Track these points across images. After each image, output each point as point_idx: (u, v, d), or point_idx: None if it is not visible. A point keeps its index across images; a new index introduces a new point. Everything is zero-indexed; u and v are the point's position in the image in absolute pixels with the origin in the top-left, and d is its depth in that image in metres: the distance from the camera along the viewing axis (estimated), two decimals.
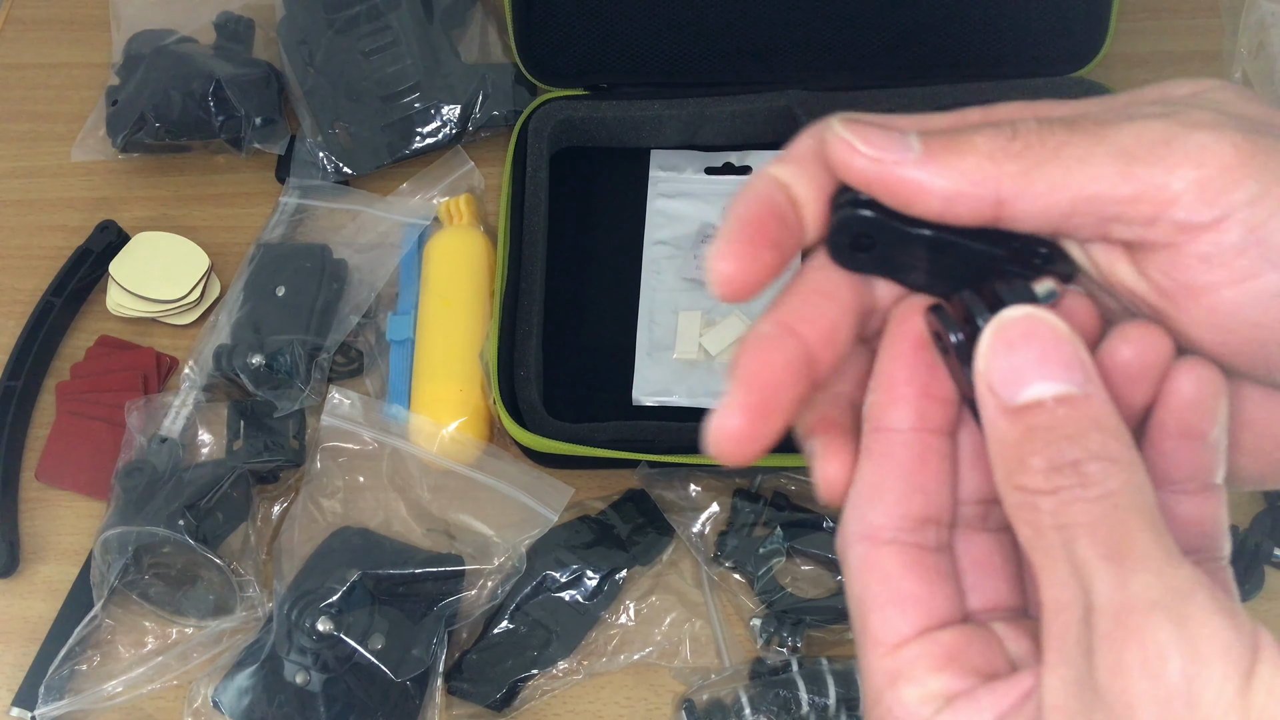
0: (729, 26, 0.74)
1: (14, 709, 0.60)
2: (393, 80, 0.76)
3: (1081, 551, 0.21)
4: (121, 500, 0.62)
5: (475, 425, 0.65)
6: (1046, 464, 0.22)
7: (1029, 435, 0.22)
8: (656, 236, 0.73)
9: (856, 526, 0.25)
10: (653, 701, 0.60)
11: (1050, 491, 0.22)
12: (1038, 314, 0.23)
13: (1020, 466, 0.22)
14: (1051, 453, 0.22)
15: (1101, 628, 0.20)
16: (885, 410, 0.25)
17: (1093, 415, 0.22)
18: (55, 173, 0.79)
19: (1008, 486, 0.23)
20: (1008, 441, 0.22)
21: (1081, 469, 0.21)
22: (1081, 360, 0.23)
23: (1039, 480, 0.22)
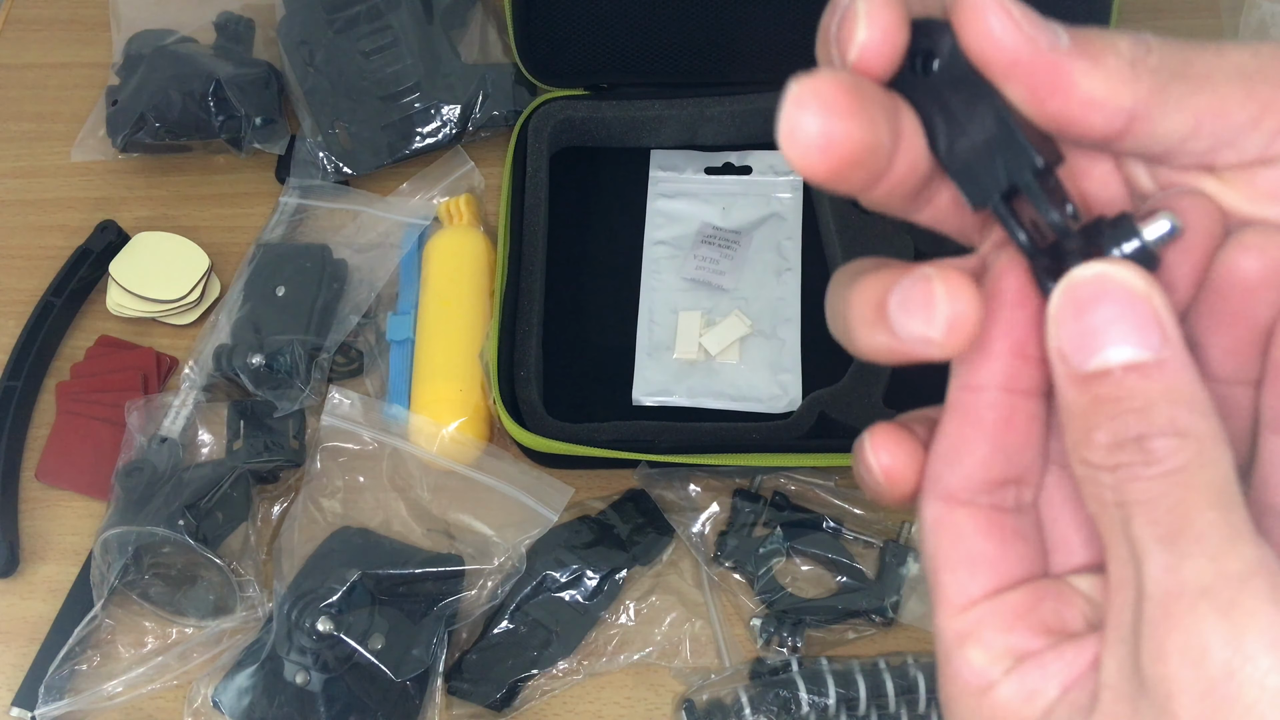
0: (729, 26, 0.74)
1: (14, 709, 0.60)
2: (393, 80, 0.76)
3: (1137, 531, 0.20)
4: (121, 500, 0.62)
5: (475, 425, 0.65)
6: (1110, 438, 0.21)
7: (1095, 406, 0.21)
8: (656, 236, 0.73)
9: (933, 485, 0.24)
10: (653, 701, 0.60)
11: (1111, 468, 0.21)
12: (1110, 271, 0.21)
13: (1085, 440, 0.21)
14: (1116, 426, 0.21)
15: (1149, 613, 0.20)
16: (975, 368, 0.23)
17: (1166, 384, 0.21)
18: (55, 173, 0.79)
19: (1074, 458, 0.22)
20: (1075, 411, 0.21)
21: (1146, 445, 0.20)
22: (1159, 321, 0.21)
23: (1101, 455, 0.21)
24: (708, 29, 0.74)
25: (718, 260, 0.71)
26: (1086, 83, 0.21)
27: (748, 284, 0.71)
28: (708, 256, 0.71)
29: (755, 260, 0.71)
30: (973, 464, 0.24)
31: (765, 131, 0.75)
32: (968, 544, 0.24)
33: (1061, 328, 0.22)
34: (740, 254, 0.71)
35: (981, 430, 0.23)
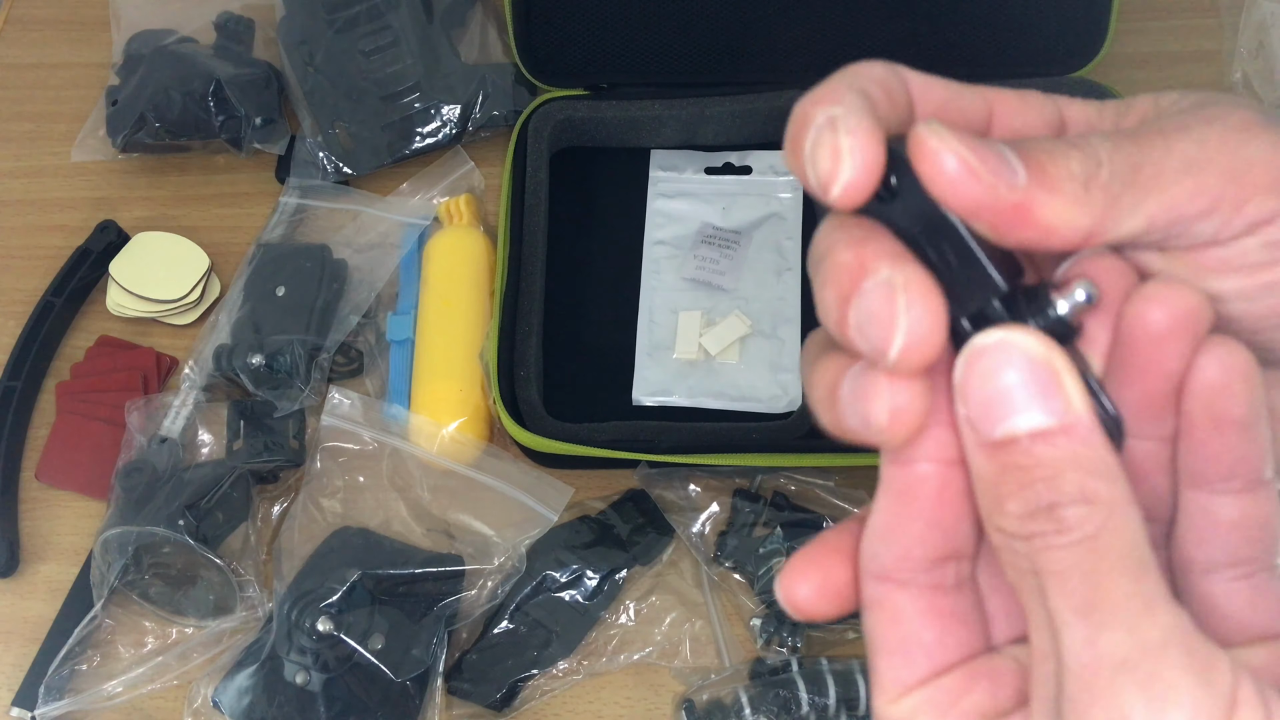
0: (729, 26, 0.74)
1: (14, 709, 0.60)
2: (393, 80, 0.76)
3: (1054, 602, 0.20)
4: (121, 500, 0.62)
5: (475, 425, 0.65)
6: (1022, 508, 0.21)
7: (1005, 474, 0.21)
8: (656, 236, 0.73)
9: (871, 564, 0.24)
10: (653, 701, 0.60)
11: (1026, 537, 0.21)
12: (1010, 338, 0.21)
13: (998, 509, 0.21)
14: (1027, 495, 0.21)
15: (1069, 686, 0.20)
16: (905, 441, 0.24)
17: (1073, 450, 0.21)
18: (55, 173, 0.79)
19: (989, 527, 0.22)
20: (986, 479, 0.21)
21: (1058, 514, 0.20)
22: (1063, 386, 0.21)
23: (1014, 524, 0.21)
24: (708, 29, 0.74)
25: (718, 260, 0.71)
26: (1046, 214, 0.21)
27: (748, 284, 0.71)
28: (708, 256, 0.71)
29: (755, 260, 0.71)
30: (909, 541, 0.23)
31: (765, 131, 0.75)
32: (905, 628, 0.23)
33: (968, 395, 0.21)
34: (740, 254, 0.71)
35: (916, 505, 0.23)
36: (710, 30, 0.74)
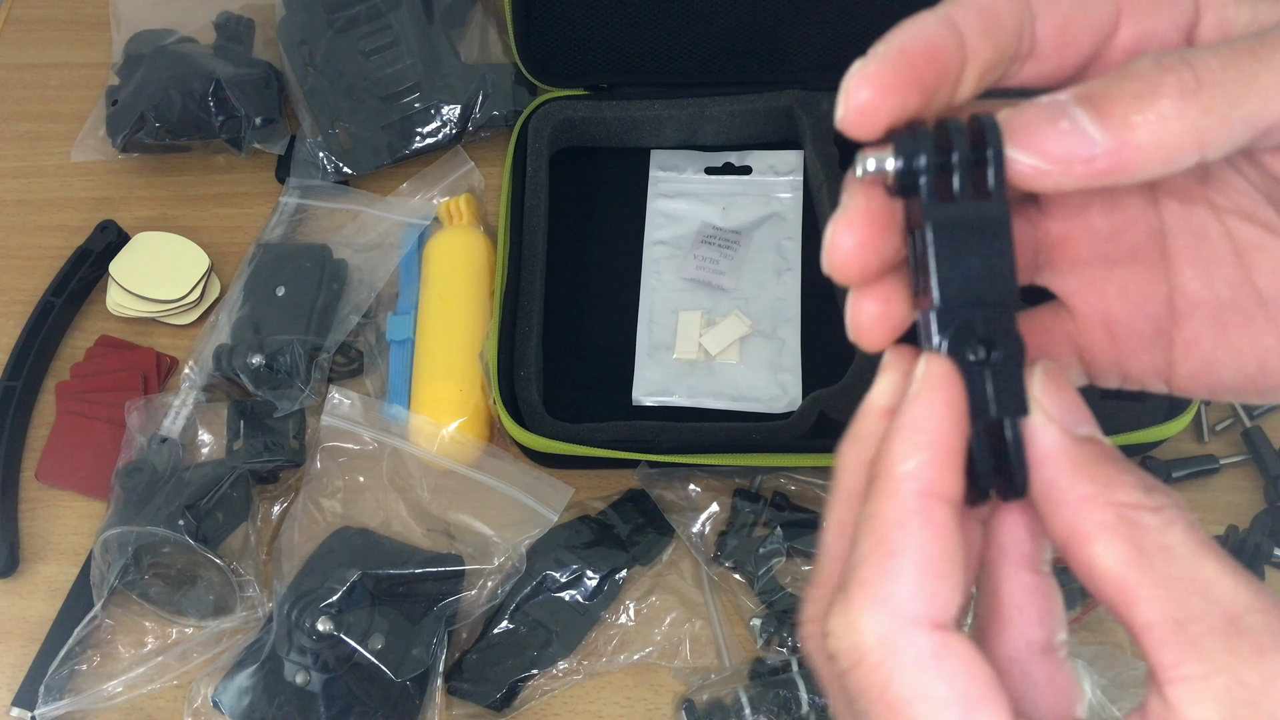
0: (729, 26, 0.74)
1: (14, 709, 0.60)
2: (393, 80, 0.76)
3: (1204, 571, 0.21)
4: (121, 500, 0.62)
5: (475, 425, 0.65)
6: (1139, 482, 0.22)
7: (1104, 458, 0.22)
8: (656, 236, 0.73)
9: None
10: (653, 701, 0.60)
11: (1153, 509, 0.22)
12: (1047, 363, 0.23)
13: (1112, 483, 0.22)
14: (1132, 478, 0.22)
15: None
16: None
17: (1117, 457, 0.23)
18: (55, 173, 0.79)
19: (1095, 505, 0.22)
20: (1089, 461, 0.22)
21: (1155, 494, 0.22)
22: None
23: (1139, 495, 0.22)
24: (708, 29, 0.74)
25: (718, 260, 0.71)
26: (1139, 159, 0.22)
27: (748, 284, 0.71)
28: (708, 256, 0.71)
29: (755, 260, 0.71)
30: None
31: (765, 131, 0.75)
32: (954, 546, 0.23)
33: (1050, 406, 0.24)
34: (740, 254, 0.71)
35: None
36: (710, 30, 0.74)
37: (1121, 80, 0.22)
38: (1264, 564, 0.61)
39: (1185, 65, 0.21)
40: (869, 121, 0.23)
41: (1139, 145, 0.21)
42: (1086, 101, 0.21)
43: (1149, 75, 0.21)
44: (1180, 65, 0.21)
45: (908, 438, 0.23)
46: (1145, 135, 0.21)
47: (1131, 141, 0.21)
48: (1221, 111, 0.21)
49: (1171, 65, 0.21)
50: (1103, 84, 0.22)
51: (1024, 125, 0.22)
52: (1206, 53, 0.21)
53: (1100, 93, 0.22)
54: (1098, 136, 0.21)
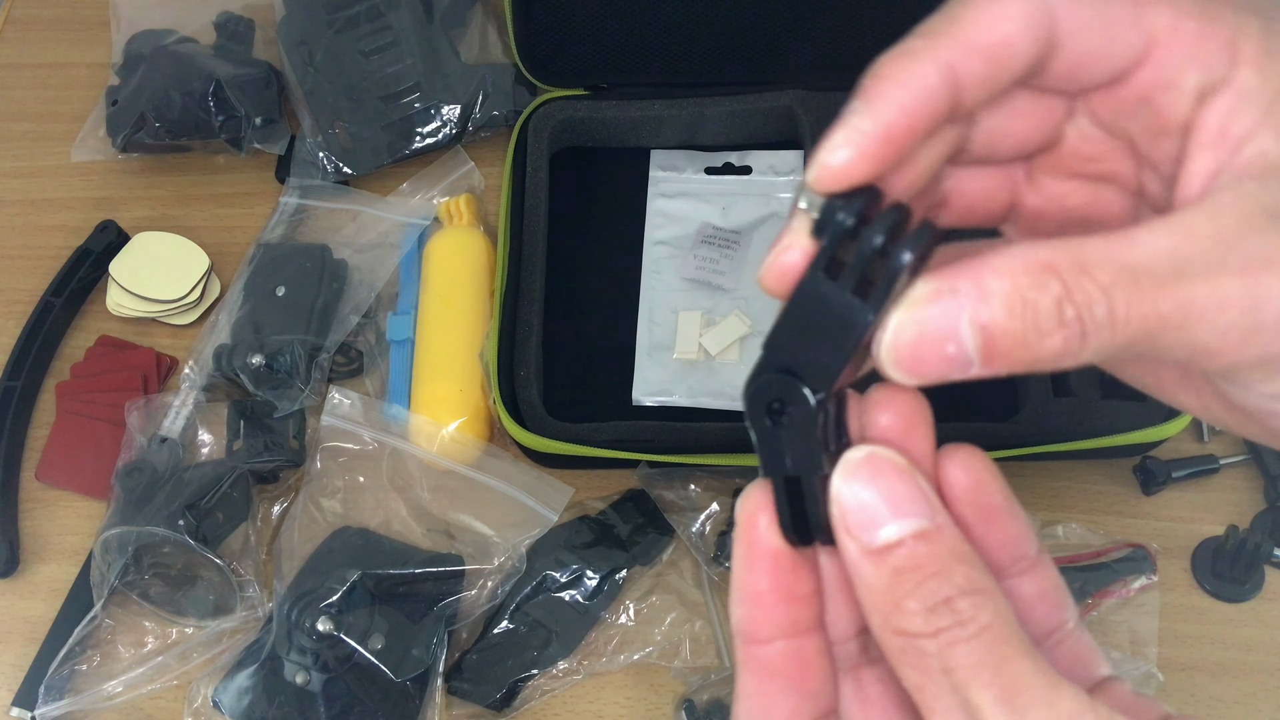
0: (729, 26, 0.74)
1: (14, 709, 0.60)
2: (393, 80, 0.76)
3: (974, 696, 0.21)
4: (121, 500, 0.62)
5: (475, 425, 0.65)
6: (921, 605, 0.21)
7: (897, 577, 0.22)
8: (656, 236, 0.73)
9: None
10: (653, 701, 0.60)
11: (932, 634, 0.21)
12: (878, 452, 0.23)
13: (896, 610, 0.22)
14: (924, 593, 0.21)
15: None
16: (756, 624, 0.24)
17: (950, 547, 0.22)
18: (55, 173, 0.79)
19: (886, 632, 0.22)
20: (877, 586, 0.22)
21: (955, 606, 0.21)
22: (925, 491, 0.22)
23: (918, 623, 0.21)
24: (707, 29, 0.74)
25: (718, 260, 0.71)
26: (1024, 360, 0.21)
27: (748, 284, 0.71)
28: (708, 256, 0.71)
29: (755, 260, 0.71)
30: (784, 717, 0.24)
31: (765, 131, 0.75)
32: None
33: (845, 508, 0.22)
34: (740, 254, 0.71)
35: (781, 683, 0.24)
36: (710, 30, 0.74)
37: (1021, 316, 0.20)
38: (1264, 564, 0.61)
39: (1078, 321, 0.20)
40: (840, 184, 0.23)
41: (1000, 370, 0.21)
42: (983, 336, 0.21)
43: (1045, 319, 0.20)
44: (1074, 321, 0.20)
45: (732, 594, 0.25)
46: (1012, 368, 0.21)
47: (996, 370, 0.21)
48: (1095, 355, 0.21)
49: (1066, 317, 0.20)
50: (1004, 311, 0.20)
51: (911, 347, 0.21)
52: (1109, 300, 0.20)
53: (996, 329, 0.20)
54: (975, 364, 0.21)
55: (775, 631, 0.24)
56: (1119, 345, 0.21)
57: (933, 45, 0.23)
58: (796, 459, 0.23)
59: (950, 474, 0.24)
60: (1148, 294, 0.20)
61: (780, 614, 0.24)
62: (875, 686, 0.26)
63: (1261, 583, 0.61)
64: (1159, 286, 0.20)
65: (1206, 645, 0.60)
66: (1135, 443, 0.60)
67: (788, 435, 0.23)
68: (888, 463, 0.23)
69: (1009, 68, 0.23)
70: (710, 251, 0.71)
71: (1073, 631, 0.25)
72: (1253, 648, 0.60)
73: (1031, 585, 0.25)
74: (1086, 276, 0.20)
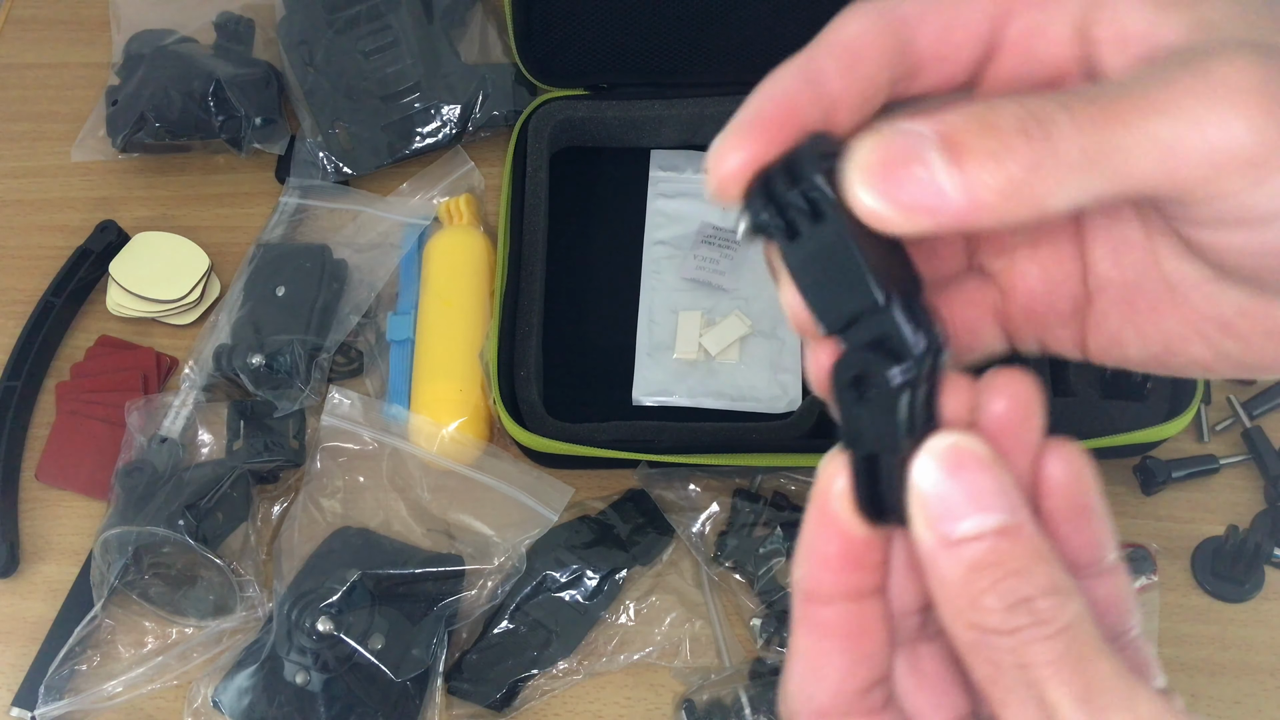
0: (729, 26, 0.74)
1: (14, 709, 0.60)
2: (393, 80, 0.76)
3: (1052, 694, 0.21)
4: (121, 500, 0.62)
5: (475, 425, 0.65)
6: (1000, 603, 0.21)
7: (974, 572, 0.21)
8: (656, 236, 0.73)
9: (805, 704, 0.24)
10: (653, 701, 0.60)
11: (1010, 631, 0.21)
12: (963, 441, 0.22)
13: (972, 605, 0.21)
14: (1003, 590, 0.21)
15: None
16: (818, 583, 0.24)
17: (1031, 545, 0.22)
18: (55, 173, 0.79)
19: (960, 625, 0.22)
20: (953, 579, 0.22)
21: (1035, 605, 0.21)
22: (1008, 486, 0.22)
23: (996, 619, 0.21)
24: (708, 29, 0.74)
25: (718, 260, 0.71)
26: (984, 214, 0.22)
27: (748, 284, 0.71)
28: (708, 256, 0.71)
29: (755, 260, 0.71)
30: (837, 677, 0.24)
31: None
32: None
33: (927, 501, 0.22)
34: (740, 254, 0.71)
35: (837, 642, 0.24)
36: (710, 30, 0.74)
37: (981, 133, 0.21)
38: (1264, 564, 0.61)
39: (1039, 127, 0.21)
40: (735, 188, 0.23)
41: (984, 203, 0.21)
42: (946, 147, 0.21)
43: (1007, 132, 0.21)
44: (1035, 127, 0.21)
45: (798, 550, 0.24)
46: (991, 195, 0.20)
47: (978, 199, 0.20)
48: (1071, 177, 0.21)
49: (1028, 127, 0.21)
50: (963, 128, 0.21)
51: (879, 164, 0.21)
52: (1065, 112, 0.21)
53: (960, 140, 0.21)
54: (949, 188, 0.20)
55: (836, 593, 0.24)
56: (1089, 158, 0.20)
57: (795, 58, 0.24)
58: (876, 437, 0.23)
59: (1051, 467, 0.24)
60: (1104, 103, 0.21)
61: (844, 578, 0.24)
62: (931, 662, 0.26)
63: (1261, 583, 0.61)
64: (1114, 99, 0.21)
65: (1206, 645, 0.60)
66: (1135, 443, 0.60)
67: (869, 412, 0.23)
68: (971, 454, 0.22)
69: (865, 58, 0.24)
70: (710, 251, 0.71)
71: (1134, 640, 0.25)
72: (1253, 648, 0.60)
73: (1104, 589, 0.25)
74: (1044, 99, 0.21)
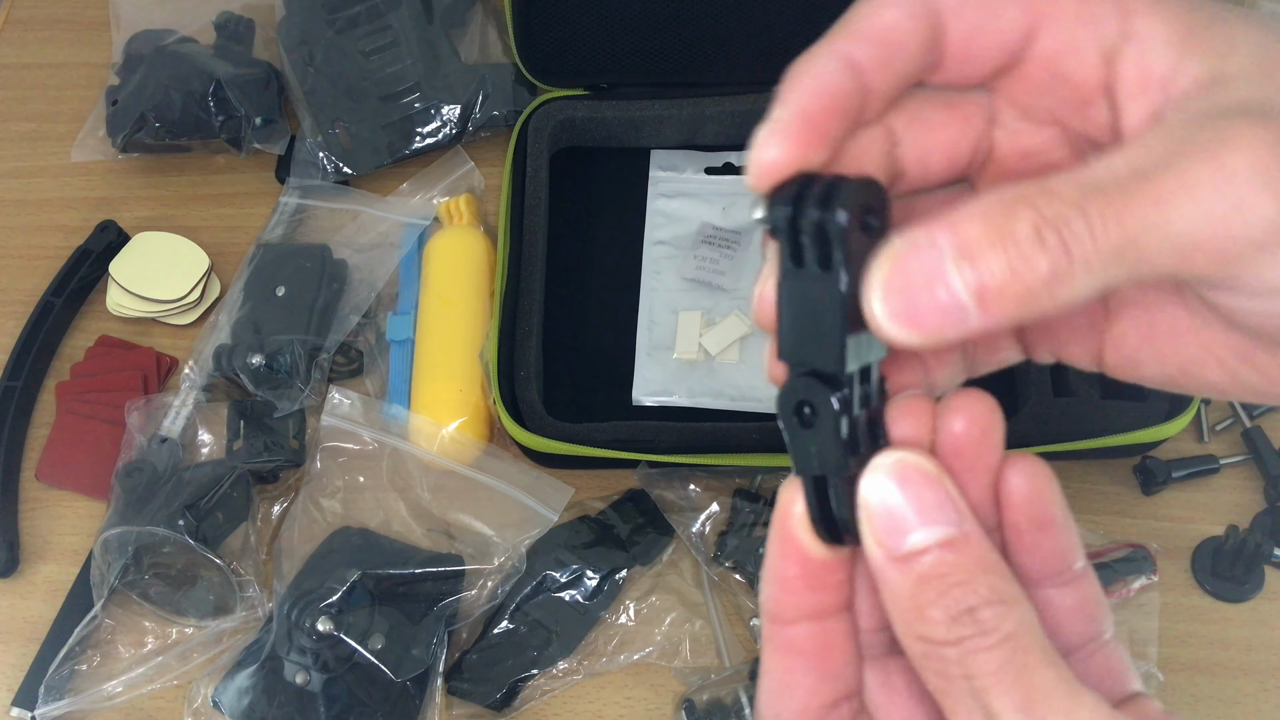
0: (729, 26, 0.74)
1: (14, 709, 0.60)
2: (393, 80, 0.76)
3: (994, 704, 0.21)
4: (121, 500, 0.62)
5: (475, 425, 0.65)
6: (944, 614, 0.22)
7: (921, 584, 0.22)
8: (656, 236, 0.73)
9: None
10: (653, 701, 0.60)
11: (954, 642, 0.22)
12: (908, 457, 0.23)
13: (919, 618, 0.22)
14: (947, 602, 0.22)
15: None
16: (782, 606, 0.25)
17: (976, 556, 0.22)
18: (55, 173, 0.79)
19: (910, 637, 0.22)
20: (902, 592, 0.22)
21: (978, 615, 0.22)
22: (954, 499, 0.23)
23: (941, 631, 0.22)
24: (708, 29, 0.74)
25: (718, 260, 0.71)
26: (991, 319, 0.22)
27: (748, 284, 0.71)
28: (708, 256, 0.71)
29: (755, 260, 0.71)
30: (803, 694, 0.25)
31: None
32: None
33: (873, 514, 0.23)
34: (740, 254, 0.71)
35: (803, 661, 0.25)
36: (710, 30, 0.74)
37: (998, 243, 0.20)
38: (1264, 564, 0.61)
39: (1055, 235, 0.20)
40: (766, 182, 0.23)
41: (1001, 314, 0.20)
42: (964, 258, 0.20)
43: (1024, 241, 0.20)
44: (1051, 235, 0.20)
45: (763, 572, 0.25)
46: (1009, 306, 0.20)
47: (994, 313, 0.20)
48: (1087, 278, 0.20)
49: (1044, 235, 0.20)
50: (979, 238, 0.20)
51: (900, 290, 0.21)
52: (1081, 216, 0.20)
53: (977, 253, 0.20)
54: (969, 307, 0.20)
55: (800, 614, 0.25)
56: (1105, 259, 0.20)
57: (830, 41, 0.24)
58: (822, 460, 0.24)
59: (1011, 481, 0.24)
60: (1117, 199, 0.20)
61: (807, 599, 0.25)
62: (901, 676, 0.26)
63: (1261, 583, 0.61)
64: (1127, 192, 0.20)
65: (1206, 645, 0.60)
66: (1135, 443, 0.60)
67: (813, 436, 0.24)
68: (916, 469, 0.23)
69: (902, 49, 0.24)
70: (710, 251, 0.71)
71: (1107, 644, 0.26)
72: (1253, 648, 0.60)
73: (1071, 597, 0.25)
74: (1056, 199, 0.20)
